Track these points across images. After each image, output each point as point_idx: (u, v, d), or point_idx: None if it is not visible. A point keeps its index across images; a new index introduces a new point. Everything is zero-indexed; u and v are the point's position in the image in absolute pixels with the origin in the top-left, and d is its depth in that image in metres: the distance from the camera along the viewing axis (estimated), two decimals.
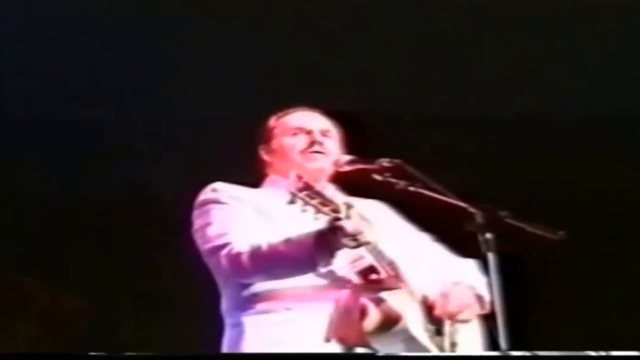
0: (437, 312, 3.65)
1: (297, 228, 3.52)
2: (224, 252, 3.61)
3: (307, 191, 3.38)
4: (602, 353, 3.38)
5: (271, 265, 3.56)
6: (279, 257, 3.53)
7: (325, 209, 3.40)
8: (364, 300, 3.56)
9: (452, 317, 3.67)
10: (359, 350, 3.55)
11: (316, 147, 3.83)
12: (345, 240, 3.46)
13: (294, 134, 3.87)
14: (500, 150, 5.49)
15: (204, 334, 3.86)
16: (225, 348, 3.66)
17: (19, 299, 5.82)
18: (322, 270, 3.54)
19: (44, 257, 5.73)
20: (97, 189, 5.73)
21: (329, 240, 3.46)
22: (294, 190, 3.38)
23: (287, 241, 3.53)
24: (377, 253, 3.58)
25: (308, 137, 3.85)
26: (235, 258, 3.58)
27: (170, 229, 4.48)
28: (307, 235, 3.49)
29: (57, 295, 5.83)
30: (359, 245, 3.50)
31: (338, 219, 3.43)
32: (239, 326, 3.63)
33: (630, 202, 5.51)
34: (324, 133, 3.88)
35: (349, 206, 3.47)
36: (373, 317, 3.55)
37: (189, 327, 5.22)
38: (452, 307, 3.66)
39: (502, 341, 3.39)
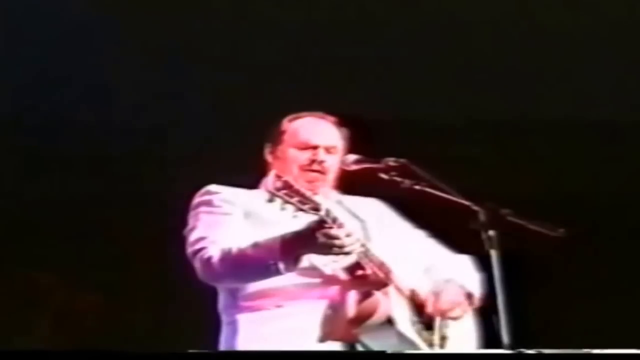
0: (429, 309, 3.73)
1: (286, 228, 3.58)
2: (198, 256, 3.71)
3: (286, 190, 3.44)
4: (603, 351, 3.42)
5: (238, 269, 3.65)
6: (245, 261, 3.62)
7: (305, 207, 3.46)
8: (351, 296, 3.64)
9: (444, 315, 3.75)
10: (345, 345, 3.64)
11: (315, 167, 3.88)
12: (326, 239, 3.51)
13: (300, 148, 3.91)
14: (503, 151, 5.54)
15: (209, 331, 3.93)
16: (222, 345, 3.78)
17: (35, 295, 5.89)
18: (311, 268, 3.63)
19: (60, 255, 5.79)
20: (112, 189, 5.79)
21: (294, 245, 3.53)
22: (272, 189, 3.43)
23: (255, 245, 3.61)
24: (363, 250, 3.65)
25: (312, 154, 3.89)
26: (206, 262, 3.67)
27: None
28: (274, 240, 3.56)
29: (73, 293, 5.89)
30: (342, 243, 3.54)
31: (321, 218, 3.49)
32: (233, 324, 3.74)
33: (630, 202, 5.54)
34: (328, 150, 3.92)
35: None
36: (360, 312, 3.62)
37: (198, 324, 5.27)
38: (444, 305, 3.75)
39: (505, 337, 3.46)
